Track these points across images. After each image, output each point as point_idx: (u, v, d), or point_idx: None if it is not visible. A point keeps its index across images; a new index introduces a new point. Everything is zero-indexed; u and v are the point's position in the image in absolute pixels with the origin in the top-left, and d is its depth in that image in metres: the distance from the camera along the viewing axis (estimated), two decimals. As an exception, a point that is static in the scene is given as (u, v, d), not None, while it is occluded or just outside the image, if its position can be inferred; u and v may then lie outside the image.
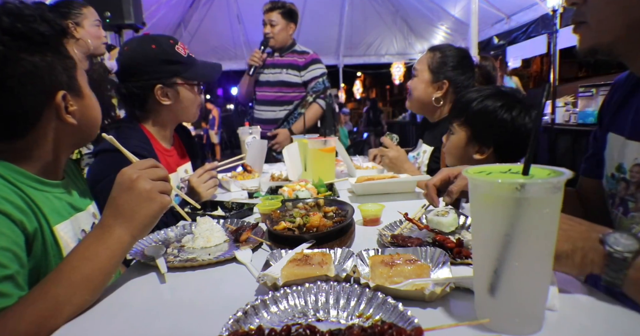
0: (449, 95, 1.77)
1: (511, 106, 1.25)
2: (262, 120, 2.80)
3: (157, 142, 1.46)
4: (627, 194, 0.83)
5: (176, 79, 1.41)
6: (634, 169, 0.80)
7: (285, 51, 2.78)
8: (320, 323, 0.57)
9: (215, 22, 7.18)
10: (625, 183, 0.83)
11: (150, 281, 0.76)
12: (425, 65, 1.78)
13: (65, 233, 0.83)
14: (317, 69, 2.73)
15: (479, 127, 1.30)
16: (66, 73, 0.81)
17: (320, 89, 2.71)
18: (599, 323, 0.55)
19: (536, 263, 0.52)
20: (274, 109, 2.77)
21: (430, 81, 1.77)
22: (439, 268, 0.70)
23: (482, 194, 0.53)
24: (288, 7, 2.74)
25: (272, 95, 2.76)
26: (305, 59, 2.74)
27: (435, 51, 1.79)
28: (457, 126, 1.36)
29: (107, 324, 0.62)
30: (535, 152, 0.53)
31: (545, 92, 0.54)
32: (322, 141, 1.62)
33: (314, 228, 0.88)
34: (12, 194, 0.74)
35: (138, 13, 3.40)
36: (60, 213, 0.85)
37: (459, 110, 1.36)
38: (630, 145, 0.83)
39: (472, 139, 1.33)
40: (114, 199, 0.76)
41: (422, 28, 7.54)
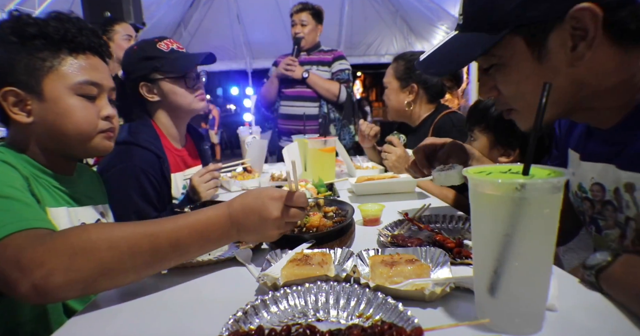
0: (420, 96, 1.82)
1: None
2: (289, 116, 2.79)
3: (167, 140, 1.46)
4: (595, 213, 0.82)
5: (155, 74, 1.40)
6: (594, 188, 0.80)
7: (313, 51, 2.82)
8: (320, 323, 0.57)
9: (215, 22, 7.17)
10: (589, 202, 0.83)
11: (150, 281, 0.76)
12: (392, 75, 1.84)
13: (59, 217, 0.86)
14: (344, 63, 2.78)
15: (501, 131, 1.29)
16: (29, 74, 0.84)
17: (344, 78, 2.73)
18: (599, 323, 0.55)
19: (536, 263, 0.52)
20: (306, 104, 2.74)
21: (399, 88, 1.83)
22: (439, 268, 0.70)
23: (482, 194, 0.53)
24: (317, 9, 2.79)
25: (302, 91, 2.74)
26: (333, 55, 2.80)
27: (398, 60, 1.85)
28: (479, 132, 1.36)
29: (107, 324, 0.62)
30: (535, 152, 0.53)
31: (546, 92, 0.53)
32: (322, 141, 1.62)
33: (314, 228, 0.88)
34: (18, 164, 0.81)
35: (138, 13, 3.40)
36: (56, 199, 0.89)
37: (478, 116, 1.36)
38: (583, 165, 0.82)
39: (496, 144, 1.32)
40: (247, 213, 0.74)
41: (422, 28, 7.52)
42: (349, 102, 2.75)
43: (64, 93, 0.87)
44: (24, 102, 0.85)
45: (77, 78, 0.88)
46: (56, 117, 0.87)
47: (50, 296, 0.63)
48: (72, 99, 0.88)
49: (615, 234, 0.78)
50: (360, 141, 2.08)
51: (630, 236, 0.75)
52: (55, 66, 0.86)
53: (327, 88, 2.68)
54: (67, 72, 0.87)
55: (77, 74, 0.88)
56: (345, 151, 1.87)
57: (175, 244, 0.69)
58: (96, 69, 0.92)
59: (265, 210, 0.73)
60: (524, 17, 0.66)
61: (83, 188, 1.00)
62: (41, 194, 0.84)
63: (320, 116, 2.72)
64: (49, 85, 0.86)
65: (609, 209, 0.78)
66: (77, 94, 0.89)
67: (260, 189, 0.78)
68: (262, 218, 0.74)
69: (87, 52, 0.91)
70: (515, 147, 1.30)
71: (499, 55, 0.72)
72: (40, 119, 0.86)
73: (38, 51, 0.85)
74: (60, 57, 0.87)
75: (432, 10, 6.78)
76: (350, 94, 2.77)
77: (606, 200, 0.78)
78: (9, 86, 0.83)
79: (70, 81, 0.87)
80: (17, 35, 0.84)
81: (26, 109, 0.85)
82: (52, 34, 0.85)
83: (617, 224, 0.77)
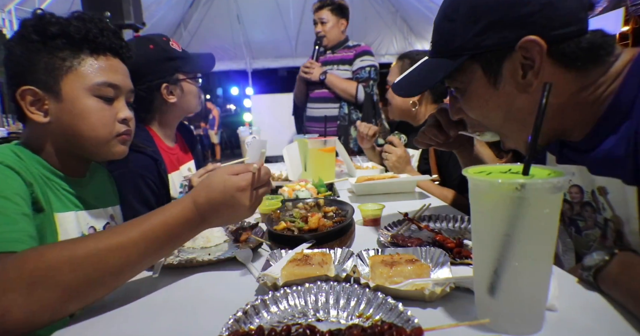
0: (426, 97, 1.81)
1: None
2: (313, 118, 2.74)
3: (161, 141, 1.46)
4: (574, 214, 0.83)
5: (178, 75, 1.42)
6: (572, 190, 0.81)
7: (338, 48, 2.71)
8: (320, 323, 0.57)
9: (215, 22, 7.17)
10: (568, 203, 0.84)
11: (150, 281, 0.76)
12: (397, 74, 1.82)
13: (67, 222, 0.85)
14: (366, 60, 2.65)
15: None
16: (48, 73, 0.84)
17: (363, 77, 2.62)
18: (599, 323, 0.55)
19: (536, 263, 0.52)
20: (326, 106, 2.69)
21: None
22: (439, 268, 0.70)
23: (482, 194, 0.53)
24: (337, 3, 2.66)
25: (323, 92, 2.69)
26: (356, 51, 2.68)
27: (404, 59, 1.83)
28: None
29: (107, 324, 0.62)
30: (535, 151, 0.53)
31: (546, 92, 0.53)
32: (322, 141, 1.62)
33: (314, 228, 0.88)
34: (25, 167, 0.79)
35: (138, 13, 3.39)
36: (64, 203, 0.88)
37: None
38: (560, 168, 0.83)
39: (491, 145, 1.30)
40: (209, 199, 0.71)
41: (422, 28, 7.52)
42: (368, 102, 2.64)
43: (81, 93, 0.86)
44: (41, 102, 0.84)
45: (96, 79, 0.87)
46: (72, 117, 0.86)
47: (11, 332, 0.56)
48: (89, 100, 0.87)
49: (596, 234, 0.80)
50: (360, 142, 2.08)
51: (611, 237, 0.76)
52: (74, 66, 0.85)
53: (343, 88, 2.60)
54: (86, 73, 0.86)
55: (96, 75, 0.87)
56: (345, 151, 1.86)
57: (144, 252, 0.66)
58: (116, 70, 0.91)
59: (236, 203, 0.72)
60: (480, 45, 0.71)
61: (94, 190, 0.99)
62: (49, 199, 0.83)
63: (340, 117, 2.67)
64: (67, 85, 0.85)
65: (588, 210, 0.80)
66: (95, 95, 0.88)
67: (223, 178, 0.72)
68: (234, 210, 0.73)
69: (108, 54, 0.90)
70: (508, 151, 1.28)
71: (460, 80, 0.78)
72: (57, 119, 0.85)
73: (59, 51, 0.84)
74: (81, 57, 0.86)
75: (432, 10, 6.77)
76: (370, 94, 2.63)
77: (585, 201, 0.79)
78: (28, 85, 0.82)
79: (89, 82, 0.86)
80: (39, 34, 0.84)
81: (43, 108, 0.84)
82: (74, 34, 0.85)
83: (596, 225, 0.79)
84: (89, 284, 0.61)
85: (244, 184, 0.72)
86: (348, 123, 2.57)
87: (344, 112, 2.66)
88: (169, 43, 1.42)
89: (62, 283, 0.59)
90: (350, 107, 2.65)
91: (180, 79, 1.42)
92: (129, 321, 0.62)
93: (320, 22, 2.65)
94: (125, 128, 0.94)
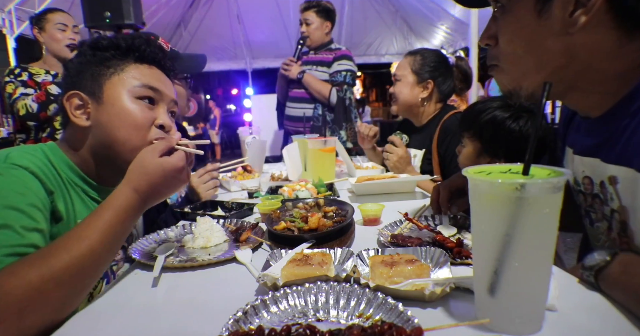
0: (434, 94, 1.81)
1: (518, 116, 1.23)
2: (291, 117, 2.79)
3: None
4: (587, 206, 0.84)
5: None
6: (584, 182, 0.81)
7: (321, 49, 2.76)
8: (320, 323, 0.57)
9: (215, 22, 7.18)
10: (583, 195, 0.84)
11: (150, 281, 0.76)
12: (408, 69, 1.82)
13: None
14: (343, 64, 2.68)
15: (488, 139, 1.28)
16: (93, 79, 0.87)
17: (338, 81, 2.65)
18: (599, 323, 0.55)
19: (536, 263, 0.52)
20: (303, 106, 2.73)
21: (415, 83, 1.81)
22: (439, 268, 0.70)
23: (482, 194, 0.53)
24: (323, 6, 2.71)
25: (301, 92, 2.73)
26: (335, 54, 2.71)
27: (415, 55, 1.83)
28: (468, 139, 1.34)
29: (106, 324, 0.62)
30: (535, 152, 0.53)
31: (545, 92, 0.53)
32: (322, 141, 1.62)
33: (314, 228, 0.88)
34: (50, 173, 0.80)
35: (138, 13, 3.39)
36: (90, 209, 0.88)
37: (469, 122, 1.34)
38: (577, 159, 0.84)
39: (483, 152, 1.31)
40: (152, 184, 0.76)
41: (422, 28, 7.52)
42: (340, 106, 2.69)
43: (122, 95, 0.87)
44: (85, 106, 0.86)
45: (136, 81, 0.89)
46: (110, 118, 0.85)
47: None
48: (128, 101, 0.87)
49: (603, 227, 0.80)
50: (360, 142, 2.08)
51: (615, 229, 0.76)
52: (117, 72, 0.88)
53: (318, 89, 2.65)
54: (128, 76, 0.88)
55: (138, 78, 0.89)
56: (345, 151, 1.87)
57: (110, 249, 0.70)
58: (158, 78, 0.93)
59: (177, 182, 0.80)
60: None
61: None
62: (74, 205, 0.84)
63: (314, 118, 2.71)
64: (109, 89, 0.87)
65: (597, 203, 0.80)
66: (135, 96, 0.87)
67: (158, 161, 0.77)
68: (175, 188, 0.81)
69: (152, 65, 0.94)
70: (500, 157, 1.28)
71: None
72: (96, 123, 0.86)
73: (107, 60, 0.89)
74: (125, 63, 0.90)
75: (432, 10, 6.77)
76: (343, 98, 2.68)
77: (594, 193, 0.79)
78: (75, 90, 0.86)
79: (130, 84, 0.88)
80: (92, 48, 0.90)
81: (86, 112, 0.86)
82: (121, 43, 0.90)
83: (604, 217, 0.79)
84: (75, 293, 0.65)
85: (182, 164, 0.79)
86: (322, 124, 2.61)
87: (318, 113, 2.70)
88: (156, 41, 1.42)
89: (50, 300, 0.61)
90: (324, 108, 2.69)
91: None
92: (129, 321, 0.62)
93: (305, 23, 2.70)
94: (162, 135, 0.90)
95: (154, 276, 0.76)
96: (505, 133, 1.23)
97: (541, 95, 0.54)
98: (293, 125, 2.77)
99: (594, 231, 0.84)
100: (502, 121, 1.24)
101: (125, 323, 0.62)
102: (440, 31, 7.28)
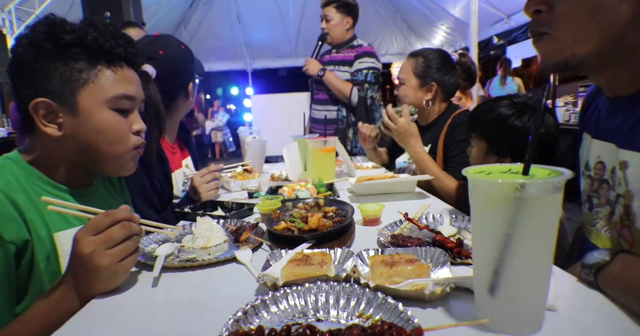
0: (438, 95, 1.80)
1: (522, 113, 1.23)
2: (316, 119, 2.70)
3: (164, 140, 1.47)
4: (592, 191, 0.85)
5: (196, 75, 1.49)
6: (597, 167, 0.82)
7: (342, 47, 2.64)
8: (320, 323, 0.57)
9: (215, 22, 7.18)
10: (590, 179, 0.85)
11: (150, 281, 0.76)
12: (411, 72, 1.81)
13: (67, 243, 0.81)
14: (364, 62, 2.55)
15: (493, 137, 1.28)
16: (63, 85, 0.80)
17: (359, 80, 2.53)
18: (599, 323, 0.55)
19: (536, 263, 0.52)
20: (328, 108, 2.64)
21: (418, 86, 1.80)
22: (439, 268, 0.70)
23: (482, 194, 0.53)
24: (344, 1, 2.58)
25: (325, 94, 2.65)
26: (357, 51, 2.59)
27: (417, 56, 1.82)
28: (475, 139, 1.35)
29: (106, 324, 0.62)
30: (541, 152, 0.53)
31: (545, 92, 0.54)
32: (322, 141, 1.62)
33: (314, 228, 0.88)
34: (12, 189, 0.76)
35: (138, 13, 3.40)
36: (67, 219, 0.85)
37: (475, 122, 1.34)
38: (594, 143, 0.85)
39: (490, 151, 1.31)
40: (72, 268, 0.69)
41: (422, 28, 7.53)
42: (362, 105, 2.56)
43: (98, 107, 0.83)
44: (55, 115, 0.81)
45: (113, 92, 0.85)
46: (89, 133, 0.83)
47: None
48: (106, 113, 0.84)
49: (605, 212, 0.81)
50: (362, 143, 2.07)
51: (618, 213, 0.76)
52: (91, 79, 0.82)
53: (339, 88, 2.54)
54: (104, 86, 0.83)
55: (113, 88, 0.85)
56: (345, 151, 1.86)
57: None
58: (130, 81, 0.89)
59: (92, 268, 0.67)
60: None
61: (100, 198, 0.97)
62: (47, 219, 0.81)
63: (338, 120, 2.62)
64: (84, 98, 0.82)
65: (604, 188, 0.80)
66: (112, 108, 0.85)
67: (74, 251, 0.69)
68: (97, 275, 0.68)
69: (123, 64, 0.88)
70: (506, 155, 1.28)
71: None
72: (71, 134, 0.82)
73: (74, 61, 0.81)
74: (97, 68, 0.83)
75: (432, 10, 6.78)
76: (365, 98, 2.55)
77: (604, 179, 0.80)
78: (42, 97, 0.79)
79: (106, 95, 0.84)
80: (53, 42, 0.79)
81: (57, 121, 0.81)
82: (90, 44, 0.82)
83: (607, 202, 0.80)
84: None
85: (88, 249, 0.66)
86: (346, 126, 2.54)
87: (342, 115, 2.62)
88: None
89: None
90: (349, 110, 2.61)
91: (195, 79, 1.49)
92: (129, 321, 0.62)
93: (325, 19, 2.59)
94: (140, 141, 0.92)
95: (154, 276, 0.76)
96: (509, 130, 1.24)
97: (540, 95, 0.54)
98: (318, 127, 2.68)
99: (591, 216, 0.85)
100: (506, 118, 1.24)
101: (125, 323, 0.62)
102: (440, 31, 7.29)
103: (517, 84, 5.90)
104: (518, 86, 5.89)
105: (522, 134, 1.22)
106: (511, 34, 5.89)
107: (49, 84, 0.80)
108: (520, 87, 5.91)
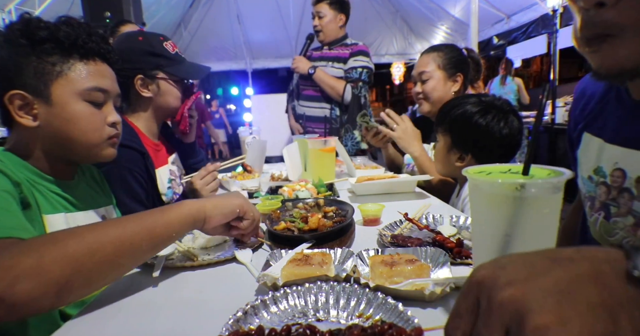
0: (462, 88, 1.81)
1: (487, 112, 1.26)
2: (306, 117, 2.65)
3: (145, 137, 1.45)
4: (609, 199, 0.80)
5: (158, 72, 1.41)
6: (615, 174, 0.78)
7: (335, 44, 2.61)
8: (320, 323, 0.57)
9: (215, 22, 7.18)
10: (606, 187, 0.81)
11: (150, 281, 0.76)
12: (435, 65, 1.80)
13: (57, 225, 0.85)
14: (359, 60, 2.52)
15: (457, 133, 1.32)
16: (37, 77, 0.84)
17: (353, 77, 2.49)
18: (599, 323, 0.55)
19: (536, 263, 0.52)
20: (321, 105, 2.60)
21: (445, 78, 1.80)
22: (439, 268, 0.70)
23: (482, 194, 0.53)
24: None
25: (312, 90, 2.60)
26: (352, 50, 2.56)
27: (437, 51, 1.82)
28: (440, 133, 1.38)
29: (106, 324, 0.62)
30: (535, 152, 0.53)
31: (545, 92, 0.53)
32: (322, 141, 1.62)
33: (314, 228, 0.88)
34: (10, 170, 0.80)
35: (138, 13, 3.40)
36: (54, 205, 0.88)
37: (442, 117, 1.37)
38: (609, 149, 0.80)
39: (453, 146, 1.34)
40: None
41: (422, 28, 7.53)
42: (355, 104, 2.51)
43: (71, 98, 0.87)
44: (30, 106, 0.85)
45: (86, 84, 0.89)
46: (63, 122, 0.87)
47: (18, 308, 0.54)
48: (79, 104, 0.88)
49: (627, 222, 0.76)
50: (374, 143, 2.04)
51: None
52: (64, 71, 0.86)
53: (331, 85, 2.50)
54: (76, 78, 0.88)
55: (86, 80, 0.89)
56: (345, 151, 1.86)
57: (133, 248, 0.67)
58: (104, 75, 0.93)
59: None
60: None
61: (84, 192, 1.00)
62: (38, 200, 0.84)
63: (332, 119, 2.58)
64: (57, 90, 0.86)
65: (625, 197, 0.76)
66: (85, 100, 0.89)
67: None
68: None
69: (97, 58, 0.92)
70: (467, 152, 1.30)
71: None
72: (46, 124, 0.86)
73: (48, 55, 0.85)
74: (70, 62, 0.87)
75: (432, 10, 6.78)
76: (358, 96, 2.51)
77: (624, 187, 0.76)
78: (16, 90, 0.83)
79: (79, 87, 0.88)
80: (27, 38, 0.84)
81: (32, 113, 0.85)
82: (63, 39, 0.85)
83: (630, 212, 0.75)
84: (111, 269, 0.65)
85: None
86: (339, 125, 2.50)
87: (336, 115, 2.58)
88: (163, 42, 1.42)
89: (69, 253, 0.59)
90: (342, 109, 2.57)
91: (158, 77, 1.42)
92: (129, 321, 0.62)
93: (317, 16, 2.56)
94: (115, 132, 0.97)
95: (154, 276, 0.76)
96: (473, 127, 1.27)
97: (540, 95, 0.54)
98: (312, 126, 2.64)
99: (609, 226, 0.80)
100: (471, 115, 1.27)
101: (125, 323, 0.62)
102: (440, 31, 7.29)
103: (517, 84, 5.90)
104: (518, 86, 5.89)
105: (485, 133, 1.25)
106: (511, 34, 5.89)
107: (23, 77, 0.84)
108: (520, 87, 5.91)
